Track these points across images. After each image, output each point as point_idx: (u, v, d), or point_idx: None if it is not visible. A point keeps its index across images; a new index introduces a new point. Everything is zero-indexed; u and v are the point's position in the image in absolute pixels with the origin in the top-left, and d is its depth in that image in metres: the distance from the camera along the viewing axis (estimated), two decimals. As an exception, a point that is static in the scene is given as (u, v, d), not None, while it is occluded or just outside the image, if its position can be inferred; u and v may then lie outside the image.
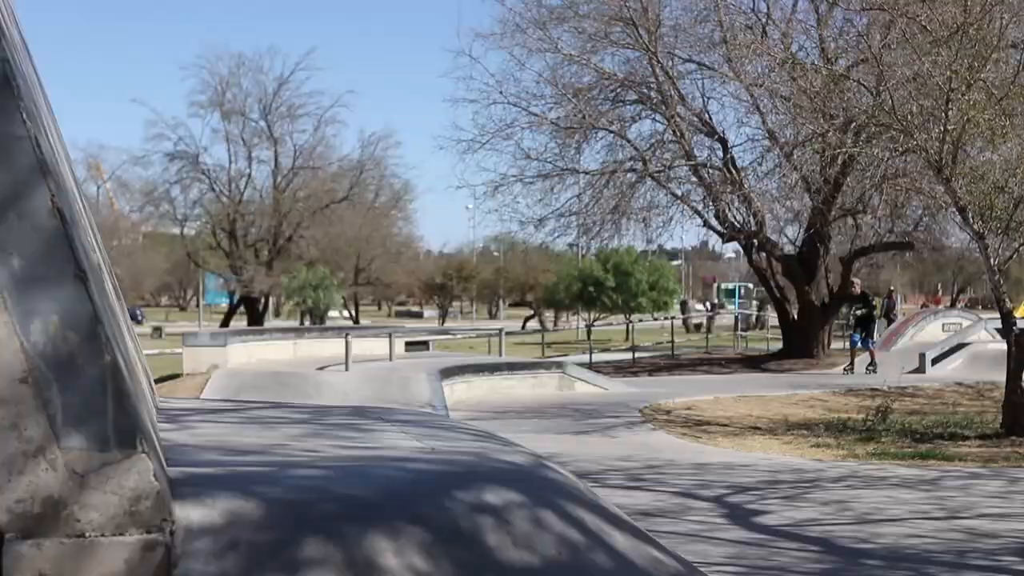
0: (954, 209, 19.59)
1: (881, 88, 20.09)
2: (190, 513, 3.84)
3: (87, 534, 3.70)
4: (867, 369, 29.76)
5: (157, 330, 69.23)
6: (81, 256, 3.79)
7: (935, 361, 30.77)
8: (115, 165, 71.11)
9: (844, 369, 30.44)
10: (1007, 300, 18.45)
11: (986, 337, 34.15)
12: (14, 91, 3.73)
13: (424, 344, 30.80)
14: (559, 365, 26.73)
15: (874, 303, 32.40)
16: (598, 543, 4.65)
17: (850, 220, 33.74)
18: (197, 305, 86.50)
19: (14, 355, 3.68)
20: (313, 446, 5.44)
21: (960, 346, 32.89)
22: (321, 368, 21.69)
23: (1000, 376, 19.08)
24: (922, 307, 62.46)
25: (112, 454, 3.73)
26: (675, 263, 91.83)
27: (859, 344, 30.71)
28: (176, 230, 68.04)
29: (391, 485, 4.47)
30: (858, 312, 31.08)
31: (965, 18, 17.36)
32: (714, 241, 40.51)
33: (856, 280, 32.63)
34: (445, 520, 4.25)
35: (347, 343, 21.85)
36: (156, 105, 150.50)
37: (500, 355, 28.82)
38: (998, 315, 20.96)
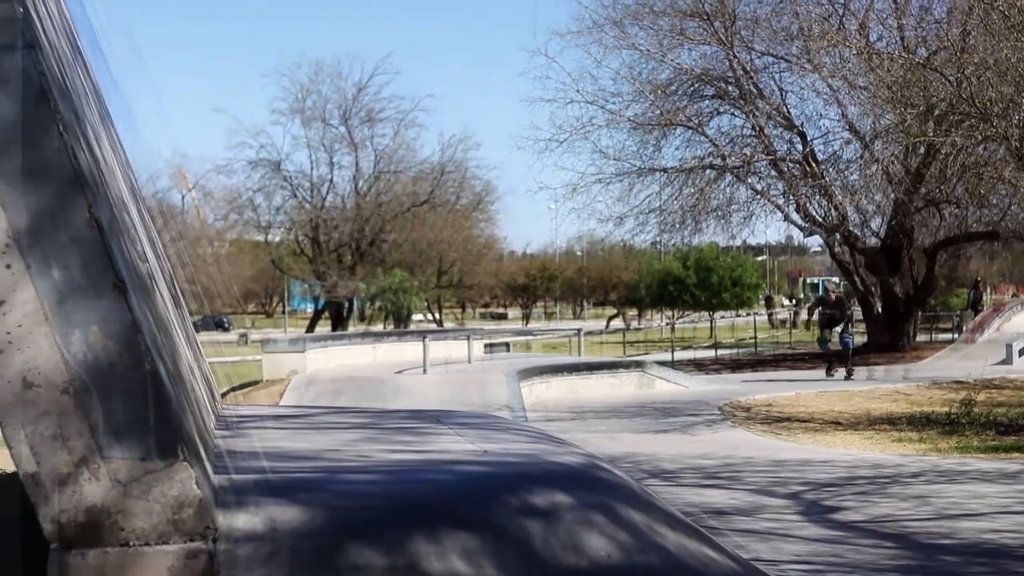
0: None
1: (960, 76, 19.78)
2: (234, 521, 3.85)
3: (131, 543, 3.73)
4: (833, 371, 26.85)
5: (243, 337, 69.82)
6: (120, 266, 3.80)
7: (1023, 352, 30.20)
8: (199, 174, 71.94)
9: (845, 374, 26.52)
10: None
11: (1077, 327, 33.50)
12: (50, 104, 3.76)
13: (504, 346, 30.82)
14: (639, 364, 26.56)
15: (849, 312, 28.01)
16: (649, 544, 4.61)
17: (934, 211, 33.28)
18: (283, 311, 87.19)
19: (55, 366, 3.71)
20: (365, 450, 5.44)
21: (1049, 336, 32.22)
22: (399, 372, 21.74)
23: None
24: (1012, 296, 61.51)
25: (154, 463, 3.75)
26: (760, 258, 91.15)
27: (851, 344, 27.14)
28: (260, 237, 68.65)
29: (438, 489, 4.45)
30: (827, 313, 26.97)
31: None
32: (797, 235, 40.24)
33: (831, 285, 29.73)
34: (491, 523, 4.22)
35: (425, 346, 21.90)
36: (237, 113, 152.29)
37: (579, 355, 28.75)
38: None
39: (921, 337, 36.79)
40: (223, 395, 20.29)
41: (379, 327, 60.41)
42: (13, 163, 3.71)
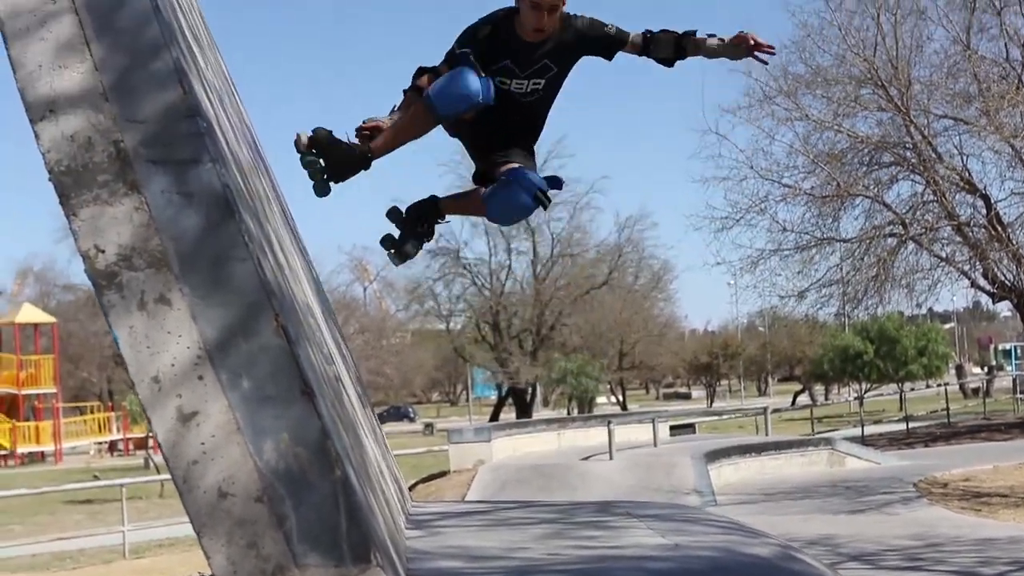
0: None
1: None
2: (427, 624, 3.83)
3: (328, 649, 3.72)
4: None
5: (428, 427, 70.58)
6: (307, 372, 3.83)
7: None
8: (380, 265, 73.40)
9: None
10: None
11: None
12: (235, 216, 3.82)
13: (690, 427, 30.47)
14: (828, 441, 26.03)
15: None
16: (853, 638, 4.45)
17: None
18: (467, 399, 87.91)
19: (249, 475, 3.74)
20: (555, 548, 5.38)
21: None
22: (585, 458, 21.65)
23: None
24: None
25: (348, 569, 3.74)
26: (947, 326, 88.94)
27: None
28: (441, 326, 69.41)
29: (632, 586, 4.37)
30: None
31: None
32: (986, 301, 39.09)
33: None
34: (688, 621, 4.12)
35: (610, 431, 21.78)
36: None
37: (767, 434, 28.28)
38: None
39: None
40: (411, 487, 20.47)
41: (563, 412, 60.41)
42: (201, 276, 3.78)
